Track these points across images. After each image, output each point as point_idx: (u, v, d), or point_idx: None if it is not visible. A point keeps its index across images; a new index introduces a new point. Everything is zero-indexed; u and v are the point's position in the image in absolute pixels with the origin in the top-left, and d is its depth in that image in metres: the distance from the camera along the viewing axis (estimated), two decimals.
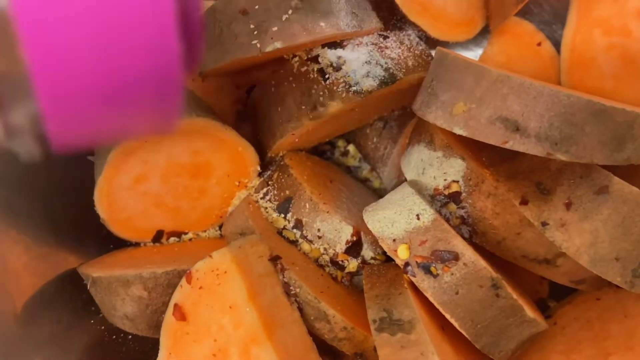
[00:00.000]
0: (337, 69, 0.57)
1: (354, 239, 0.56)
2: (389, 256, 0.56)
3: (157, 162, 0.56)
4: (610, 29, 0.60)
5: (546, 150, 0.44)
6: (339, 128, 0.66)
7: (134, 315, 0.52)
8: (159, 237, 0.60)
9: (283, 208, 0.58)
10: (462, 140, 0.51)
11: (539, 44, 0.68)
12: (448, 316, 0.46)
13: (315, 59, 0.57)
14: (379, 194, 0.71)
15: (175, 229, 0.61)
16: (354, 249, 0.56)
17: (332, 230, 0.56)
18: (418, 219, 0.48)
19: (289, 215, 0.58)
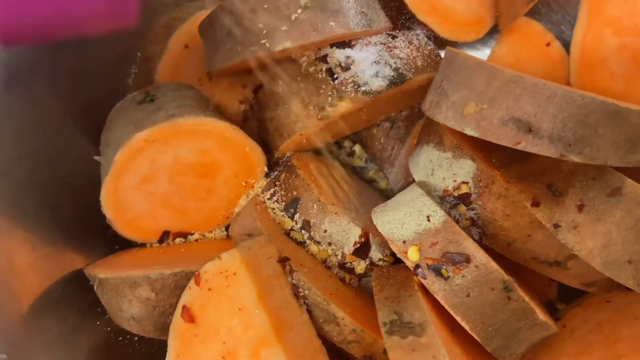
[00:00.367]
0: (346, 68, 0.56)
1: (362, 240, 0.56)
2: (397, 258, 0.56)
3: (164, 162, 0.56)
4: (621, 28, 0.60)
5: (559, 152, 0.43)
6: (347, 128, 0.66)
7: (141, 316, 0.51)
8: (165, 237, 0.60)
9: (290, 209, 0.58)
10: (472, 141, 0.51)
11: (548, 44, 0.67)
12: (459, 319, 0.46)
13: (324, 59, 0.57)
14: (385, 195, 0.71)
15: (182, 229, 0.60)
16: (362, 250, 0.56)
17: (340, 231, 0.56)
18: (428, 220, 0.48)
19: (296, 216, 0.57)
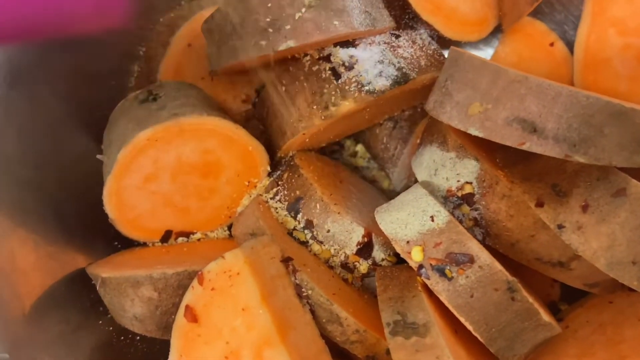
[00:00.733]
0: (349, 68, 0.56)
1: (365, 240, 0.55)
2: (400, 258, 0.56)
3: (166, 161, 0.56)
4: (625, 29, 0.60)
5: (564, 152, 0.43)
6: (350, 128, 0.66)
7: (143, 316, 0.51)
8: (167, 237, 0.60)
9: (293, 208, 0.58)
10: (476, 141, 0.51)
11: (551, 44, 0.67)
12: (462, 319, 0.46)
13: (327, 58, 0.57)
14: (387, 194, 0.71)
15: (184, 228, 0.60)
16: (364, 250, 0.56)
17: (342, 231, 0.56)
18: (432, 220, 0.48)
19: (299, 215, 0.57)
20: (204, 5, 0.67)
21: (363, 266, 0.56)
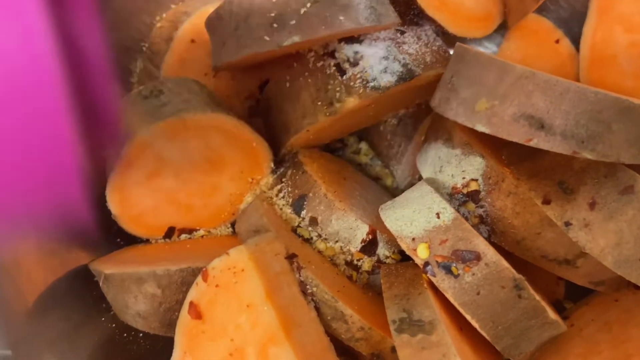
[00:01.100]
0: (354, 64, 0.56)
1: (370, 237, 0.55)
2: (404, 255, 0.55)
3: (170, 158, 0.55)
4: (631, 26, 0.59)
5: (572, 149, 0.43)
6: (354, 125, 0.65)
7: (146, 313, 0.51)
8: (170, 234, 0.59)
9: (297, 206, 0.57)
10: (482, 137, 0.50)
11: (557, 41, 0.67)
12: (469, 317, 0.45)
13: (332, 54, 0.57)
14: (391, 192, 0.70)
15: (187, 225, 0.60)
16: (369, 247, 0.55)
17: (347, 228, 0.55)
18: (438, 217, 0.47)
19: (303, 212, 0.57)
20: (207, 1, 0.66)
21: (367, 263, 0.55)
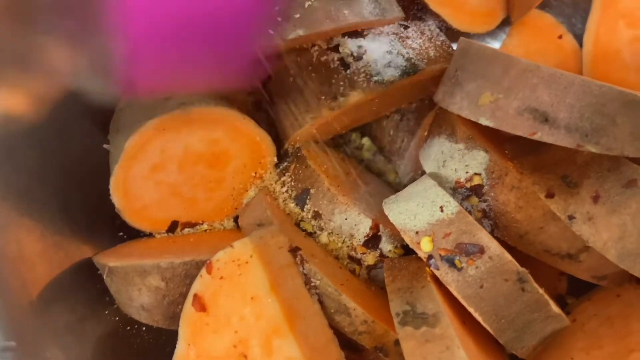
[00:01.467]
0: (358, 58, 0.56)
1: (373, 231, 0.55)
2: (407, 249, 0.55)
3: (174, 151, 0.55)
4: (635, 20, 0.59)
5: (576, 142, 0.43)
6: (357, 119, 0.65)
7: (150, 306, 0.51)
8: (173, 227, 0.60)
9: (301, 200, 0.57)
10: (485, 131, 0.50)
11: (560, 37, 0.67)
12: (472, 310, 0.45)
13: (336, 49, 0.57)
14: (394, 187, 0.70)
15: (190, 219, 0.60)
16: (372, 241, 0.56)
17: (350, 222, 0.55)
18: (442, 211, 0.47)
19: (306, 207, 0.57)
20: None
21: (370, 257, 0.55)
